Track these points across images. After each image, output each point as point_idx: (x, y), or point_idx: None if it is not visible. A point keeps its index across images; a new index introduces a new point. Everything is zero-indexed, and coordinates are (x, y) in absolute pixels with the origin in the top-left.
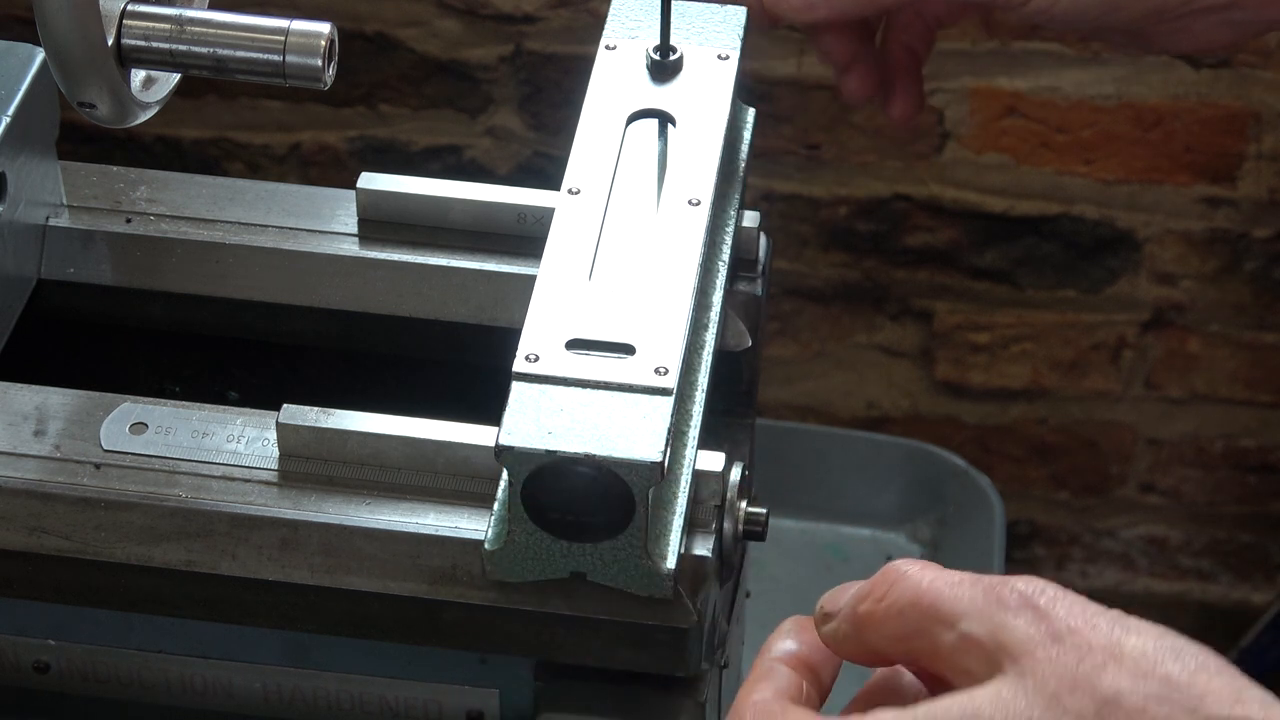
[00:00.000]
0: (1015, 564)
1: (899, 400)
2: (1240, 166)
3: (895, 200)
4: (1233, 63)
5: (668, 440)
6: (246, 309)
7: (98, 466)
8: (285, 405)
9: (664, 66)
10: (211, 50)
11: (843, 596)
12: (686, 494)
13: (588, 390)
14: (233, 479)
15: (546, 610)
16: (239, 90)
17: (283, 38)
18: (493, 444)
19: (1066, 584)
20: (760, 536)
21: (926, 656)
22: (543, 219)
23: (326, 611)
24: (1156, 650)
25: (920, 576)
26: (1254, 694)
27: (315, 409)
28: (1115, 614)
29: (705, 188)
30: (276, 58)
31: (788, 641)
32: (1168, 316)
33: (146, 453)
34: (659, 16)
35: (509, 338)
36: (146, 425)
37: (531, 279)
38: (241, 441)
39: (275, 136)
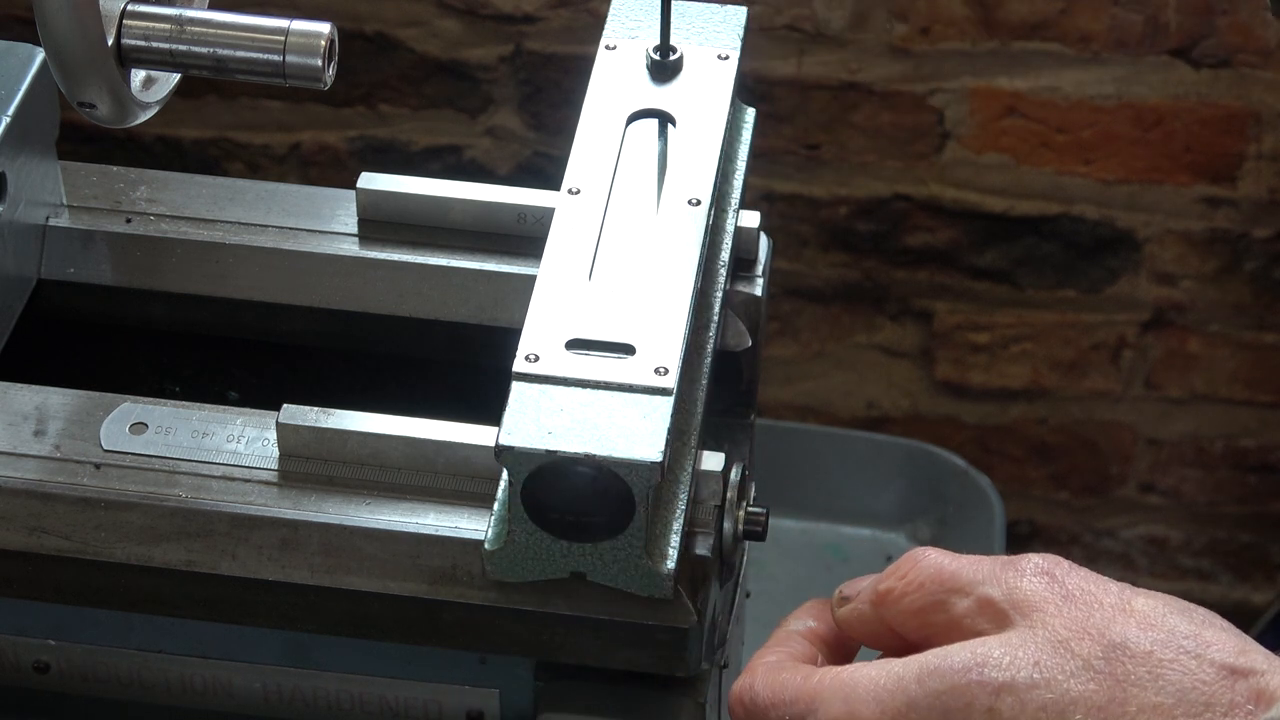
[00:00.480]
0: None
1: (899, 400)
2: (1240, 166)
3: (895, 200)
4: (1233, 63)
5: (668, 440)
6: (246, 309)
7: (98, 466)
8: (285, 405)
9: (664, 66)
10: (211, 50)
11: (862, 582)
12: (686, 494)
13: (588, 390)
14: (233, 479)
15: (546, 610)
16: (239, 90)
17: (283, 38)
18: (493, 444)
19: None
20: (760, 536)
21: (942, 629)
22: (543, 219)
23: (326, 611)
24: (1165, 607)
25: (942, 556)
26: (1258, 649)
27: (315, 409)
28: (1126, 584)
29: (705, 188)
30: (276, 58)
31: (807, 619)
32: (1168, 316)
33: (146, 453)
34: (659, 16)
35: (509, 338)
36: (146, 425)
37: (531, 279)
38: (241, 441)
39: (275, 136)
